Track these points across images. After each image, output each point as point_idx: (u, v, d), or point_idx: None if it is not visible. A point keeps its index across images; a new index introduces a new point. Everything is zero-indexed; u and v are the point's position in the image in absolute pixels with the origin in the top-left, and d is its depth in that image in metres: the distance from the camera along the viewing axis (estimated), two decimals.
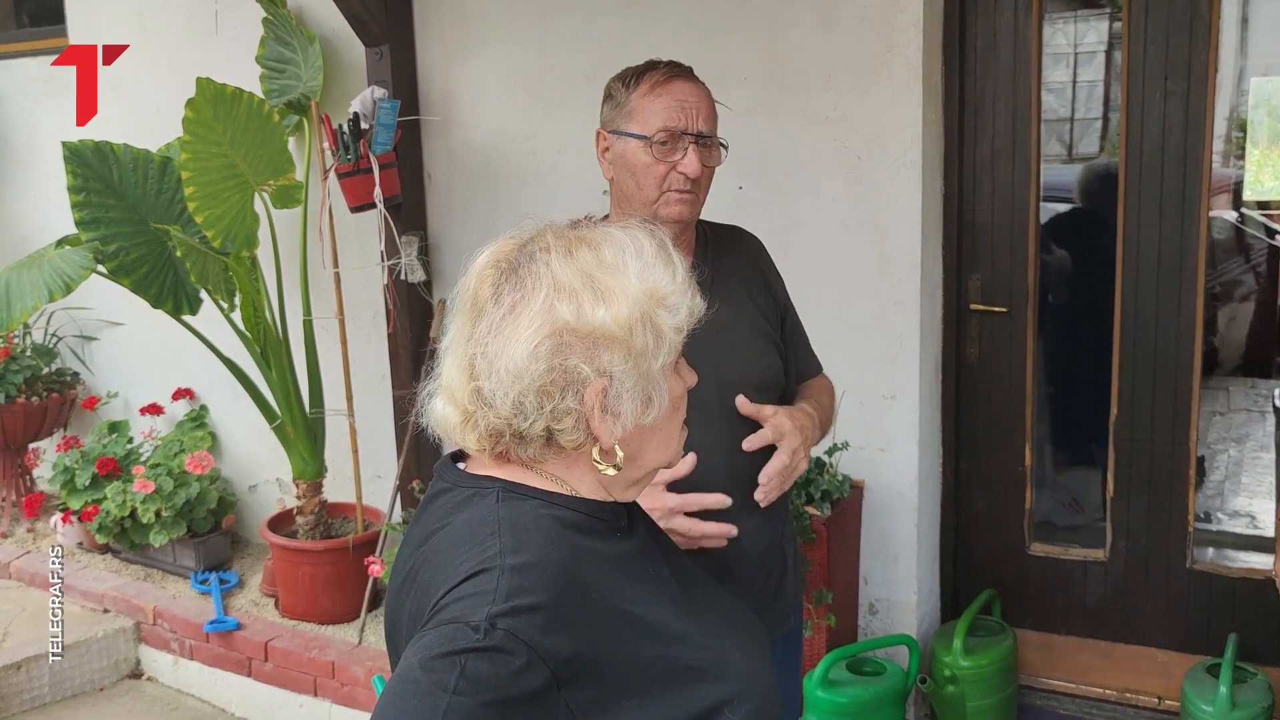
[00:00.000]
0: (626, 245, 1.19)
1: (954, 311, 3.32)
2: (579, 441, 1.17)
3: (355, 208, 3.56)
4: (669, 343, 1.19)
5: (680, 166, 1.88)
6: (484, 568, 1.08)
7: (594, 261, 1.17)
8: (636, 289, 1.16)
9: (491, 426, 1.17)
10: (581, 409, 1.15)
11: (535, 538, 1.13)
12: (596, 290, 1.15)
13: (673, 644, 1.17)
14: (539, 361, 1.13)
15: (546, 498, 1.19)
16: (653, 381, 1.18)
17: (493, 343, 1.15)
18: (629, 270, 1.17)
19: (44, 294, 3.51)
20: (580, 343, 1.14)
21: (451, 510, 1.20)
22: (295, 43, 3.87)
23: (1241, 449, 4.98)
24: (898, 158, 3.09)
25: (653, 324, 1.17)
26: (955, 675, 3.10)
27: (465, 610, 1.05)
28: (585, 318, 1.14)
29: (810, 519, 3.04)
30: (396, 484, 3.79)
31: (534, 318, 1.14)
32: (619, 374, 1.15)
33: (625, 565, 1.20)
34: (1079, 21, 5.87)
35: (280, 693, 3.64)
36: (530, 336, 1.13)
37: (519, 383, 1.13)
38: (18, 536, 4.66)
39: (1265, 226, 5.56)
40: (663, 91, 1.90)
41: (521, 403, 1.14)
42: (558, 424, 1.15)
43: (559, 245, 1.19)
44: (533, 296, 1.15)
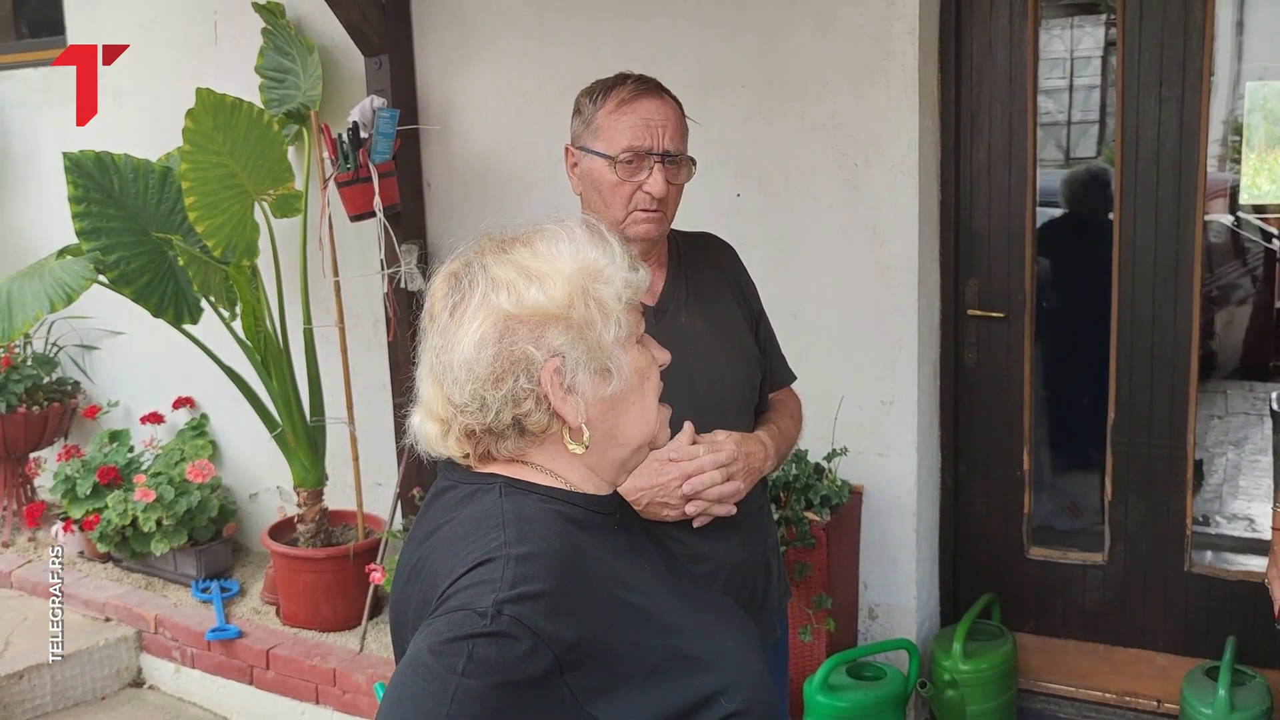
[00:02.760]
0: (559, 234, 1.25)
1: (951, 317, 3.33)
2: (545, 424, 1.21)
3: (355, 216, 3.57)
4: (615, 314, 1.23)
5: (645, 186, 1.87)
6: (490, 557, 1.12)
7: (528, 254, 1.23)
8: (570, 268, 1.21)
9: (465, 428, 1.22)
10: (538, 389, 1.19)
11: (538, 529, 1.17)
12: (530, 276, 1.21)
13: (671, 634, 1.21)
14: (485, 348, 1.18)
15: (547, 493, 1.23)
16: (606, 353, 1.22)
17: (445, 346, 1.21)
18: (562, 254, 1.23)
19: (45, 304, 3.52)
20: (522, 326, 1.19)
21: (455, 506, 1.24)
22: (294, 52, 3.89)
23: (1239, 452, 4.99)
24: (895, 164, 3.10)
25: (593, 297, 1.22)
26: (955, 679, 3.10)
27: (472, 597, 1.09)
28: (522, 301, 1.19)
29: (809, 524, 3.05)
30: (397, 491, 3.80)
31: (475, 313, 1.20)
32: (567, 349, 1.20)
33: (623, 556, 1.26)
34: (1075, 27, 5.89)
35: (282, 700, 3.64)
36: (475, 329, 1.19)
37: (472, 375, 1.18)
38: (19, 546, 4.66)
39: (1261, 230, 5.58)
40: (628, 110, 1.88)
41: (481, 395, 1.19)
42: (519, 409, 1.19)
43: (492, 246, 1.25)
44: (470, 295, 1.21)
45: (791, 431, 2.08)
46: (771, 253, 3.20)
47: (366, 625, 3.70)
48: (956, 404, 3.39)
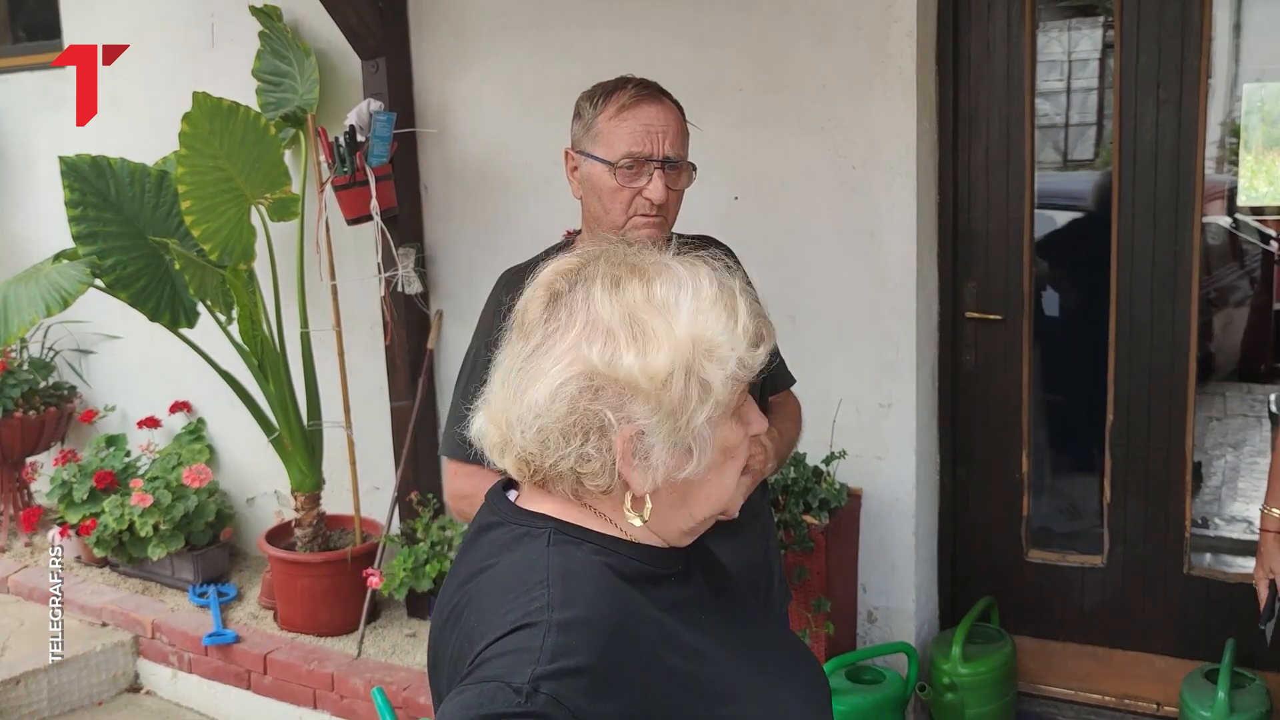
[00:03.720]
0: (684, 283, 1.09)
1: (949, 319, 3.33)
2: (606, 486, 1.10)
3: (352, 220, 3.56)
4: (717, 395, 1.08)
5: (645, 192, 1.86)
6: (529, 621, 1.02)
7: (641, 297, 1.08)
8: (682, 335, 1.06)
9: (522, 454, 1.11)
10: (609, 455, 1.08)
11: (586, 590, 1.06)
12: (634, 333, 1.06)
13: (726, 703, 1.10)
14: (559, 403, 1.07)
15: (600, 542, 1.12)
16: (693, 433, 1.08)
17: (522, 373, 1.10)
18: (680, 310, 1.08)
19: (41, 308, 3.51)
20: (608, 387, 1.06)
21: (500, 549, 1.14)
22: (291, 56, 3.88)
23: (1238, 454, 4.98)
24: (893, 166, 3.10)
25: (697, 376, 1.07)
26: (954, 683, 3.10)
27: (507, 669, 0.99)
28: (614, 363, 1.06)
29: (808, 528, 3.05)
30: (394, 495, 3.79)
31: (561, 355, 1.07)
32: (648, 426, 1.07)
33: (680, 614, 1.13)
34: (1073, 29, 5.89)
35: (279, 705, 3.64)
36: (556, 374, 1.07)
37: (540, 419, 1.08)
38: (15, 551, 4.65)
39: (1259, 232, 5.57)
40: (629, 115, 1.87)
41: (544, 439, 1.08)
42: (583, 467, 1.08)
43: (607, 275, 1.10)
44: (566, 331, 1.08)
45: (791, 434, 2.08)
46: (769, 255, 3.20)
47: (364, 630, 3.69)
48: (955, 407, 3.39)
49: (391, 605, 3.89)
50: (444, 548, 3.52)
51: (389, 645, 3.70)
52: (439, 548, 3.52)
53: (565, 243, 2.10)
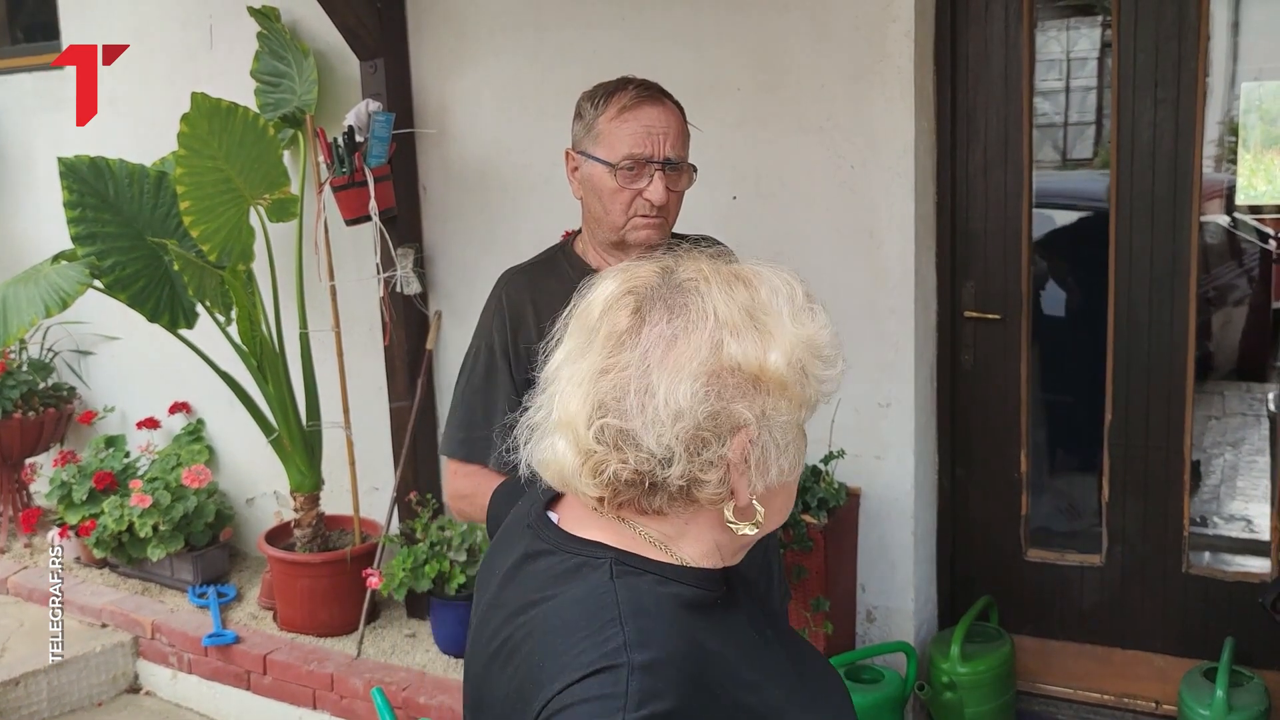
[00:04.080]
0: (779, 288, 1.08)
1: (948, 319, 3.33)
2: (717, 496, 1.05)
3: (350, 221, 3.57)
4: (815, 398, 1.08)
5: (646, 193, 1.87)
6: (610, 664, 0.97)
7: (750, 299, 1.06)
8: (793, 334, 1.06)
9: (622, 474, 1.04)
10: (728, 459, 1.04)
11: (660, 627, 1.02)
12: (759, 328, 1.05)
13: None
14: (703, 402, 1.02)
15: (659, 571, 1.07)
16: (799, 436, 1.09)
17: (650, 375, 1.03)
18: (782, 313, 1.06)
19: (40, 309, 3.51)
20: (744, 385, 1.03)
21: (556, 580, 1.08)
22: (290, 57, 3.88)
23: (1237, 453, 4.99)
24: (891, 166, 3.10)
25: (807, 375, 1.06)
26: (953, 682, 3.10)
27: (593, 716, 0.95)
28: (752, 358, 1.03)
29: (807, 527, 3.05)
30: (393, 496, 3.79)
31: (698, 351, 1.03)
32: (774, 424, 1.05)
33: (738, 644, 1.09)
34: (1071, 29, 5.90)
35: (279, 706, 3.64)
36: (695, 372, 1.02)
37: (678, 423, 1.02)
38: (15, 552, 4.65)
39: (1257, 231, 5.58)
40: (629, 117, 1.87)
41: (673, 447, 1.02)
42: (704, 474, 1.04)
43: (716, 276, 1.07)
44: (697, 328, 1.04)
45: None
46: (767, 255, 3.17)
47: (363, 630, 3.70)
48: (954, 406, 3.39)
49: (391, 605, 3.90)
50: (443, 548, 3.52)
51: (388, 645, 3.70)
52: (438, 548, 3.52)
53: (564, 243, 2.11)
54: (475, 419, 1.99)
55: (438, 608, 3.57)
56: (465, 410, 2.01)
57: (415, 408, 3.75)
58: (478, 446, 1.98)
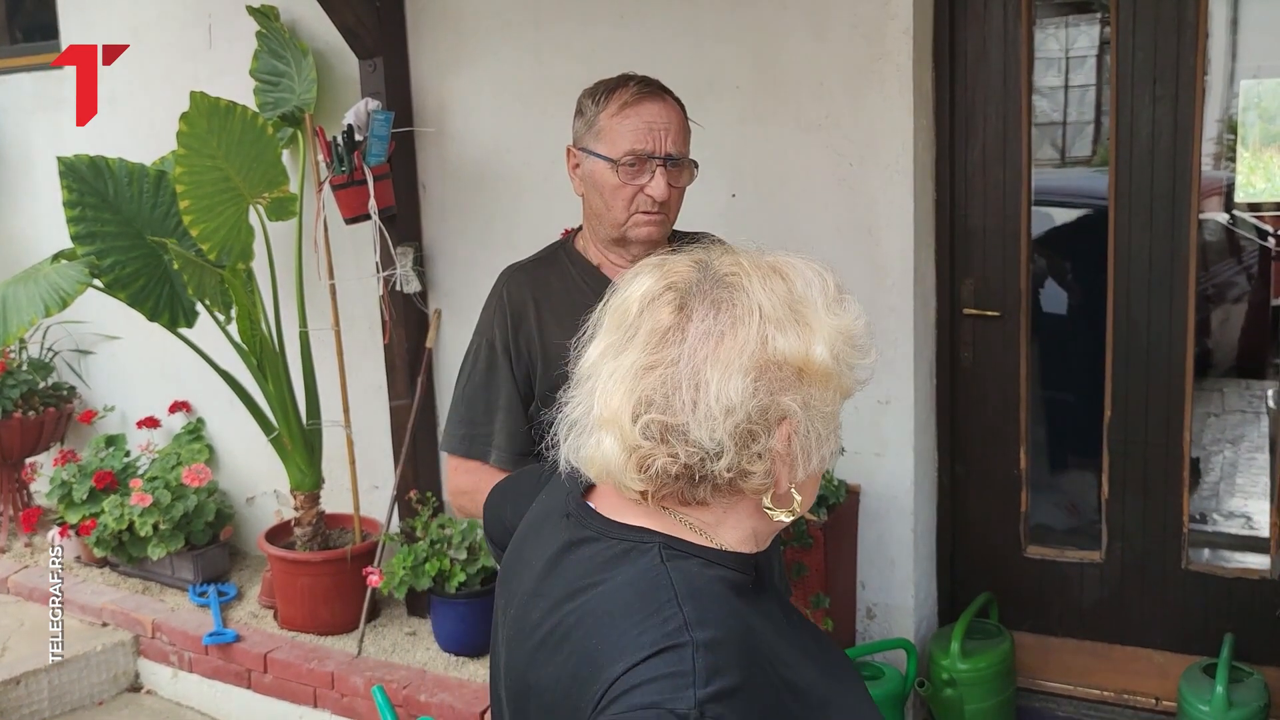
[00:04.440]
0: (812, 280, 1.11)
1: (947, 316, 3.34)
2: (762, 486, 1.08)
3: (350, 219, 3.57)
4: (850, 386, 1.11)
5: (647, 189, 1.88)
6: (674, 643, 0.99)
7: (787, 292, 1.08)
8: (830, 324, 1.08)
9: (669, 467, 1.05)
10: (773, 449, 1.06)
11: (715, 607, 1.04)
12: (800, 320, 1.07)
13: (821, 710, 1.10)
14: (754, 396, 1.04)
15: (703, 555, 1.09)
16: (834, 424, 1.11)
17: (700, 372, 1.04)
18: (817, 303, 1.09)
19: (40, 309, 3.51)
20: (790, 377, 1.06)
21: (603, 566, 1.09)
22: (289, 56, 3.89)
23: (1236, 450, 4.99)
24: (889, 164, 3.11)
25: (845, 363, 1.09)
26: (953, 678, 3.10)
27: (664, 694, 0.96)
28: (797, 350, 1.05)
29: (806, 524, 3.05)
30: (394, 494, 3.79)
31: (745, 346, 1.04)
32: (820, 413, 1.07)
33: (773, 621, 1.13)
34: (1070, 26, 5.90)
35: (280, 704, 3.64)
36: (746, 367, 1.04)
37: (730, 418, 1.03)
38: (15, 551, 4.65)
39: (1256, 228, 5.58)
40: (631, 113, 1.88)
41: (724, 441, 1.04)
42: (751, 465, 1.06)
43: (756, 271, 1.09)
44: (745, 324, 1.05)
45: None
46: None
47: (364, 628, 3.70)
48: (953, 403, 3.39)
49: (391, 604, 3.90)
50: (443, 546, 3.52)
51: (389, 644, 3.70)
52: (438, 546, 3.53)
53: (564, 240, 2.11)
54: (476, 415, 1.99)
55: (438, 606, 3.58)
56: (466, 407, 2.01)
57: (415, 406, 3.76)
58: (478, 443, 1.98)
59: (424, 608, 3.75)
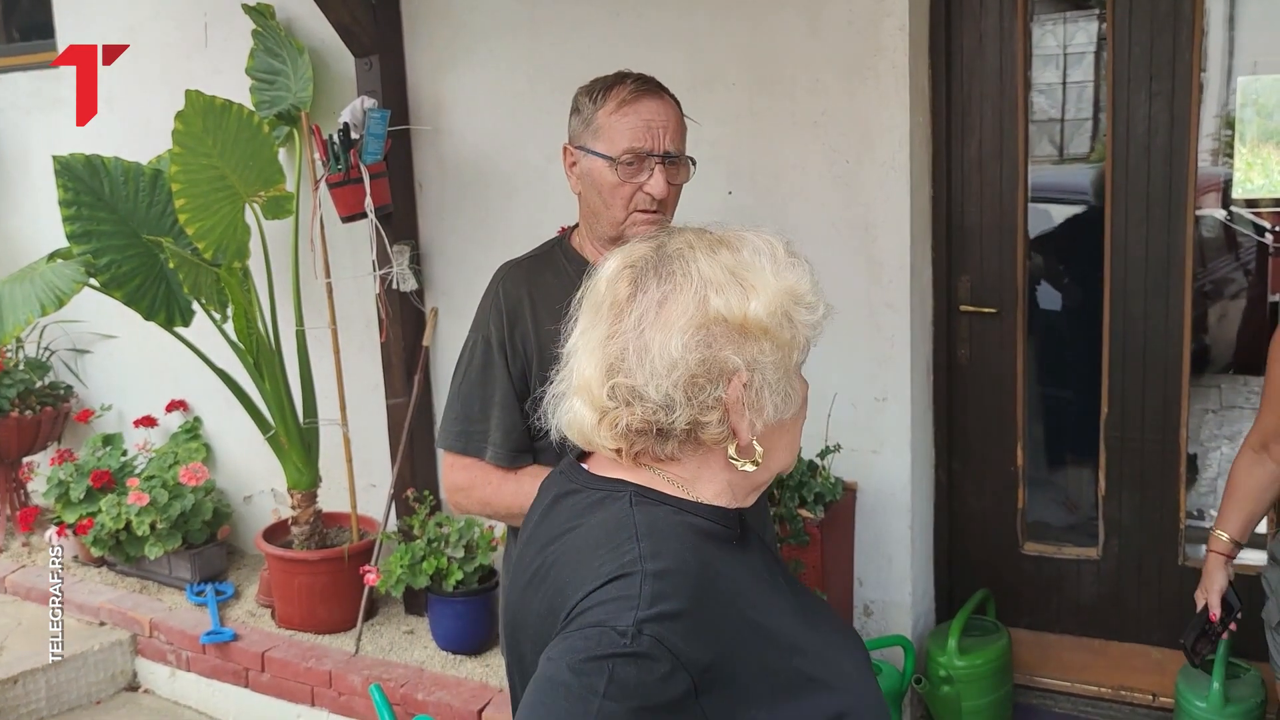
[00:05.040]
0: (761, 248, 1.22)
1: (944, 313, 3.33)
2: (720, 436, 1.18)
3: (346, 218, 3.56)
4: (804, 341, 1.22)
5: (646, 187, 1.88)
6: (625, 572, 1.10)
7: (735, 260, 1.20)
8: (775, 285, 1.19)
9: (633, 424, 1.17)
10: (725, 401, 1.16)
11: (673, 543, 1.14)
12: (743, 284, 1.18)
13: (795, 654, 1.17)
14: (694, 350, 1.15)
15: (676, 504, 1.20)
16: (790, 378, 1.21)
17: (645, 335, 1.17)
18: (765, 268, 1.20)
19: (36, 308, 3.51)
20: (730, 333, 1.16)
21: (582, 512, 1.22)
22: (285, 54, 3.88)
23: (1234, 446, 4.98)
24: (886, 160, 3.11)
25: (791, 320, 1.20)
26: (951, 675, 3.11)
27: (610, 614, 1.06)
28: (735, 309, 1.16)
29: (803, 521, 3.05)
30: (391, 492, 3.79)
31: (686, 308, 1.16)
32: (765, 366, 1.17)
33: (748, 572, 1.21)
34: (1068, 23, 5.89)
35: (277, 703, 3.64)
36: (684, 326, 1.15)
37: (672, 373, 1.15)
38: (13, 551, 4.65)
39: (1254, 224, 5.58)
40: (629, 111, 1.88)
41: (672, 396, 1.15)
42: (703, 416, 1.16)
43: (700, 244, 1.21)
44: (683, 289, 1.17)
45: None
46: None
47: (361, 627, 3.70)
48: (950, 400, 3.39)
49: (389, 602, 3.90)
50: (440, 544, 3.52)
51: (386, 642, 3.70)
52: (436, 544, 3.53)
53: (561, 238, 2.11)
54: (472, 412, 1.99)
55: (435, 604, 3.58)
56: (462, 403, 2.01)
57: (412, 404, 3.75)
58: (475, 439, 1.98)
59: (421, 606, 3.75)
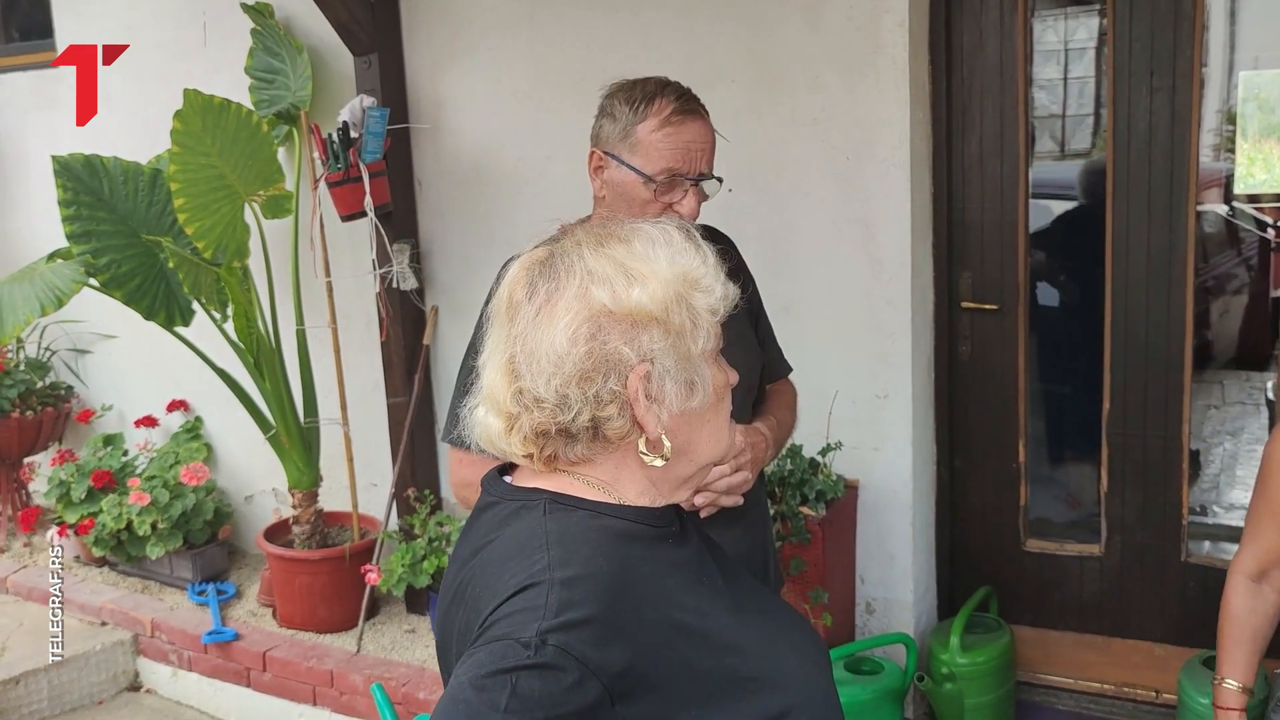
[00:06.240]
0: (655, 237, 1.19)
1: (945, 309, 3.33)
2: (624, 430, 1.15)
3: (346, 216, 3.56)
4: (706, 326, 1.18)
5: (677, 207, 1.86)
6: (533, 582, 1.07)
7: (625, 252, 1.17)
8: (668, 272, 1.16)
9: (536, 427, 1.15)
10: (624, 394, 1.14)
11: (584, 549, 1.12)
12: (629, 275, 1.15)
13: (729, 654, 1.15)
14: (578, 345, 1.13)
15: (594, 508, 1.17)
16: (694, 366, 1.17)
17: (531, 335, 1.15)
18: (659, 257, 1.17)
19: (36, 308, 3.51)
20: (618, 325, 1.13)
21: (499, 524, 1.19)
22: (284, 53, 3.88)
23: (1236, 442, 4.97)
24: (886, 157, 3.10)
25: (688, 305, 1.16)
26: (953, 673, 3.10)
27: (515, 626, 1.04)
28: (621, 299, 1.14)
29: (805, 519, 3.04)
30: (392, 492, 3.79)
31: (570, 304, 1.14)
32: (659, 355, 1.14)
33: (678, 572, 1.19)
34: (1069, 18, 5.88)
35: (279, 702, 3.64)
36: (569, 322, 1.13)
37: (560, 370, 1.13)
38: (14, 551, 4.65)
39: (1256, 220, 5.57)
40: (673, 132, 1.85)
41: (565, 393, 1.13)
42: (602, 411, 1.14)
43: (589, 239, 1.19)
44: (567, 285, 1.15)
45: (788, 423, 2.10)
46: (764, 247, 3.19)
47: (363, 626, 3.70)
48: (951, 397, 3.38)
49: (390, 601, 3.90)
50: (442, 543, 3.52)
51: (388, 641, 3.70)
52: (437, 543, 3.52)
53: (559, 236, 2.10)
54: None
55: (437, 603, 3.57)
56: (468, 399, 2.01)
57: (413, 403, 3.75)
58: None
59: (423, 605, 3.75)
